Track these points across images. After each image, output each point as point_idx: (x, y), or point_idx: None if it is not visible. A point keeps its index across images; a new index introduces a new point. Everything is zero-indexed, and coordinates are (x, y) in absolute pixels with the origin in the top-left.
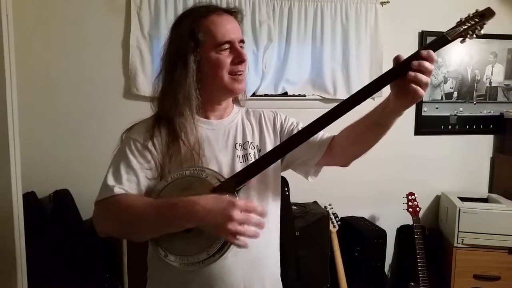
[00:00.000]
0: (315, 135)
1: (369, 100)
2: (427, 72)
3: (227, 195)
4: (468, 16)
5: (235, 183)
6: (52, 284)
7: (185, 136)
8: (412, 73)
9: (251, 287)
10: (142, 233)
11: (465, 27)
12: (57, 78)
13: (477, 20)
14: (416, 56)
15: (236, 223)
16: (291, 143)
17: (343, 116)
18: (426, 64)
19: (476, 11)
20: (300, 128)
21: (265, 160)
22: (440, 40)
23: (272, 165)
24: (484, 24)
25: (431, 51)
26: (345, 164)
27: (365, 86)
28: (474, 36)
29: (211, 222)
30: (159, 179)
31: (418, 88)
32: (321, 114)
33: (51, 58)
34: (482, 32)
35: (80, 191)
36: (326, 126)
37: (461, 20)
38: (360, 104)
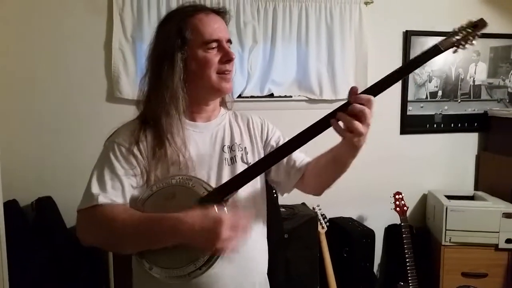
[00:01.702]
0: (295, 160)
1: None
2: (357, 114)
3: (214, 211)
4: (461, 26)
5: (222, 193)
6: None
7: (171, 137)
8: (332, 121)
9: None
10: (125, 247)
11: (458, 37)
12: (38, 82)
13: (469, 30)
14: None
15: (224, 241)
16: (281, 153)
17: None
18: (355, 107)
19: (469, 22)
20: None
21: (253, 171)
22: (432, 50)
23: None
24: (477, 35)
25: (363, 97)
26: (315, 194)
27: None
28: (467, 46)
29: (198, 241)
30: (144, 186)
31: (347, 133)
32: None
33: (32, 62)
34: (475, 42)
35: (64, 198)
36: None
37: (454, 30)
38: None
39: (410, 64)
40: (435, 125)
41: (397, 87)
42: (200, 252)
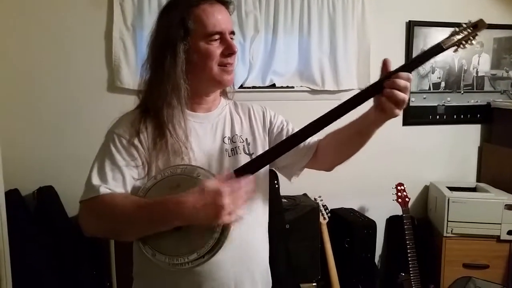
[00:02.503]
0: None
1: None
2: (402, 89)
3: (212, 184)
4: (462, 26)
5: None
6: (38, 283)
7: (172, 128)
8: (387, 90)
9: (242, 282)
10: (129, 233)
11: (459, 37)
12: (39, 71)
13: (470, 30)
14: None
15: (228, 209)
16: (287, 145)
17: None
18: (401, 82)
19: (469, 22)
20: (290, 128)
21: (258, 162)
22: (435, 48)
23: None
24: (477, 35)
25: (410, 75)
26: (328, 169)
27: (351, 98)
28: (467, 46)
29: (203, 218)
30: (146, 178)
31: (392, 106)
32: (317, 116)
33: (31, 52)
34: (475, 42)
35: (65, 187)
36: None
37: (455, 30)
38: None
39: (413, 62)
40: (437, 117)
41: None
42: (204, 240)
